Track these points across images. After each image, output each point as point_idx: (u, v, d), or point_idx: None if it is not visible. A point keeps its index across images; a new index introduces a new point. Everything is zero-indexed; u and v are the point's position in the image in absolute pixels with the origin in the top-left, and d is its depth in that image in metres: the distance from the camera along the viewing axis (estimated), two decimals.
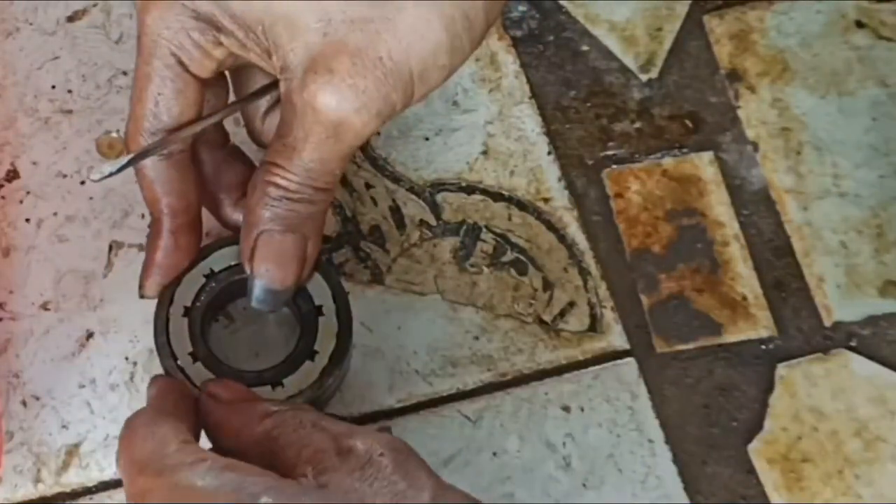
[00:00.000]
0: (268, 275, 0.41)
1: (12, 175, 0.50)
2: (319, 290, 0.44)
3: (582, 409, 0.48)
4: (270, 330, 0.48)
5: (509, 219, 0.50)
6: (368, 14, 0.37)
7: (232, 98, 0.44)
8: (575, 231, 0.51)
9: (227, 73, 0.43)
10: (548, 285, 0.50)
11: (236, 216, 0.44)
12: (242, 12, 0.38)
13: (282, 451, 0.37)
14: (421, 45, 0.37)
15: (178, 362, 0.43)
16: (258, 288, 0.42)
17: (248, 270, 0.42)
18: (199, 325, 0.44)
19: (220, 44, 0.40)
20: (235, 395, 0.40)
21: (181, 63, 0.40)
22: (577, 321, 0.49)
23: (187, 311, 0.44)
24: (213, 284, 0.44)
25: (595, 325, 0.49)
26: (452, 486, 0.37)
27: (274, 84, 0.42)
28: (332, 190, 0.41)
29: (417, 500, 0.35)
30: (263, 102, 0.44)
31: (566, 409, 0.48)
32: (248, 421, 0.38)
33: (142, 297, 0.44)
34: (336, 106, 0.38)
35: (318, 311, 0.44)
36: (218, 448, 0.39)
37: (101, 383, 0.47)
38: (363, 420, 0.47)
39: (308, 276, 0.43)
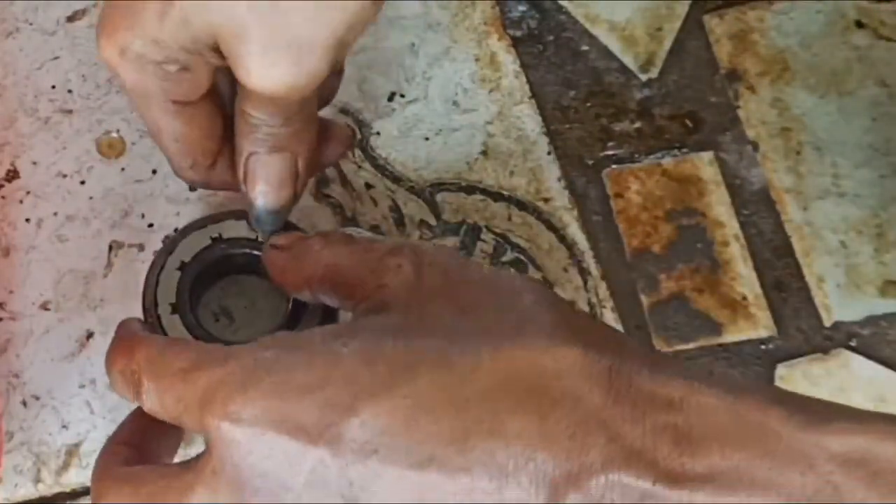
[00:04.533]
0: (262, 196, 0.42)
1: (12, 175, 0.50)
2: None
3: None
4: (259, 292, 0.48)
5: (509, 219, 0.51)
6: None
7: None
8: (575, 231, 0.51)
9: None
10: (548, 285, 0.50)
11: None
12: (189, 39, 0.39)
13: (341, 279, 0.38)
14: (330, 14, 0.37)
15: (158, 309, 0.44)
16: (257, 209, 0.43)
17: (245, 193, 0.43)
18: (190, 316, 0.44)
19: (200, 64, 0.40)
20: (293, 239, 0.42)
21: (179, 102, 0.41)
22: None
23: (175, 308, 0.44)
24: (218, 248, 0.45)
25: None
26: (507, 270, 0.37)
27: None
28: (310, 109, 0.42)
29: (478, 293, 0.35)
30: None
31: None
32: (306, 261, 0.40)
33: None
34: (262, 88, 0.38)
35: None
36: (288, 291, 0.42)
37: (101, 383, 0.47)
38: None
39: (303, 190, 0.44)
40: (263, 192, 0.42)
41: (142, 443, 0.39)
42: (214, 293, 0.48)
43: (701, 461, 0.31)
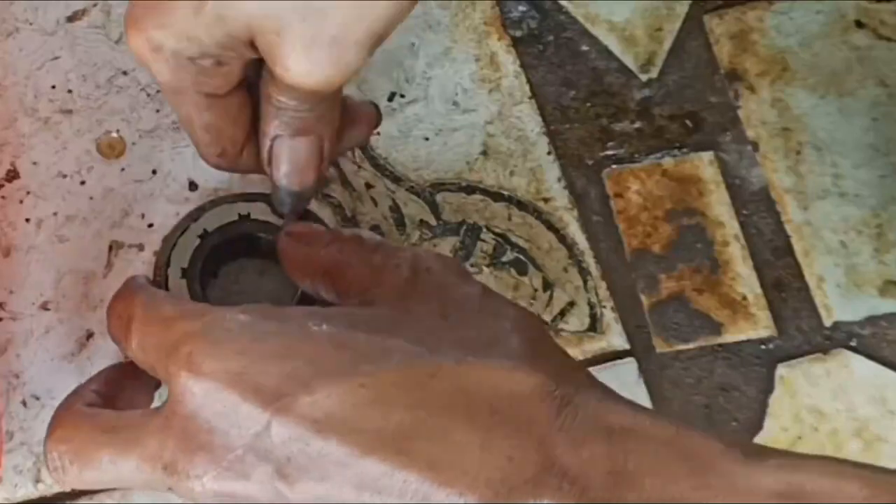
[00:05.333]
0: (286, 178, 0.43)
1: (12, 175, 0.50)
2: None
3: None
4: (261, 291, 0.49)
5: (509, 219, 0.51)
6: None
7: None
8: (575, 231, 0.51)
9: None
10: (548, 285, 0.50)
11: None
12: (224, 35, 0.39)
13: (342, 276, 0.39)
14: (370, 12, 0.38)
15: (168, 270, 0.46)
16: (280, 191, 0.43)
17: (269, 176, 0.43)
18: (197, 284, 0.46)
19: (234, 58, 0.40)
20: (309, 229, 0.43)
21: (211, 95, 0.41)
22: (577, 321, 0.49)
23: (184, 273, 0.46)
24: (243, 226, 0.47)
25: (595, 325, 0.49)
26: (502, 296, 0.38)
27: None
28: (335, 94, 0.42)
29: (464, 305, 0.36)
30: None
31: None
32: (316, 250, 0.41)
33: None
34: (301, 83, 0.39)
35: None
36: (295, 280, 0.42)
37: None
38: None
39: (326, 172, 0.44)
40: (287, 174, 0.43)
41: (112, 394, 0.40)
42: (215, 293, 0.48)
43: (632, 491, 0.31)
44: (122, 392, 0.41)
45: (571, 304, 0.49)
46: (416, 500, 0.31)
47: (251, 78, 0.43)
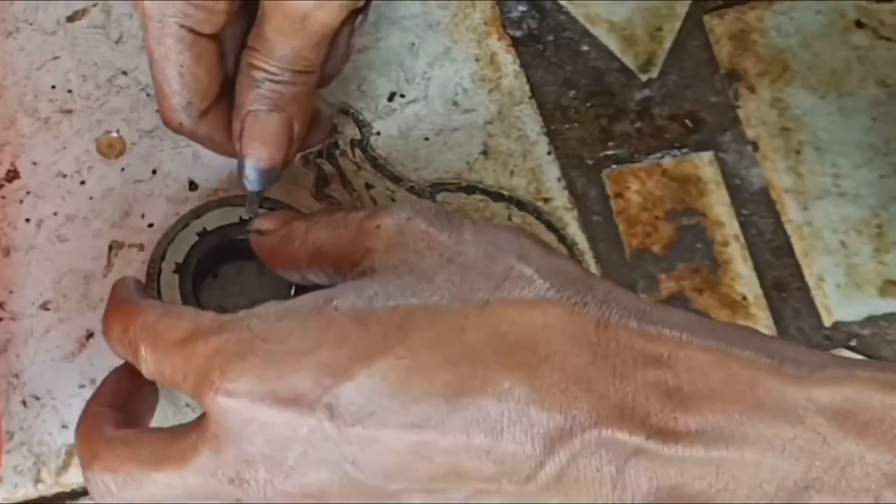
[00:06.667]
0: (255, 153, 0.43)
1: (12, 175, 0.50)
2: None
3: None
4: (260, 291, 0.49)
5: (509, 219, 0.51)
6: None
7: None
8: (575, 231, 0.51)
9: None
10: None
11: None
12: None
13: (329, 258, 0.38)
14: None
15: (163, 263, 0.45)
16: (248, 167, 0.44)
17: (237, 150, 0.43)
18: (189, 282, 0.46)
19: None
20: (278, 223, 0.42)
21: (193, 31, 0.41)
22: None
23: (178, 268, 0.46)
24: (242, 229, 0.46)
25: None
26: (489, 222, 0.36)
27: None
28: (314, 72, 0.43)
29: (461, 245, 0.35)
30: None
31: None
32: (293, 245, 0.40)
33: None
34: (298, 2, 0.39)
35: None
36: (283, 275, 0.42)
37: None
38: None
39: (294, 156, 0.45)
40: (258, 149, 0.43)
41: (124, 404, 0.40)
42: (214, 293, 0.48)
43: (693, 416, 0.31)
44: (132, 400, 0.41)
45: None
46: (484, 456, 0.32)
47: (229, 52, 0.44)
